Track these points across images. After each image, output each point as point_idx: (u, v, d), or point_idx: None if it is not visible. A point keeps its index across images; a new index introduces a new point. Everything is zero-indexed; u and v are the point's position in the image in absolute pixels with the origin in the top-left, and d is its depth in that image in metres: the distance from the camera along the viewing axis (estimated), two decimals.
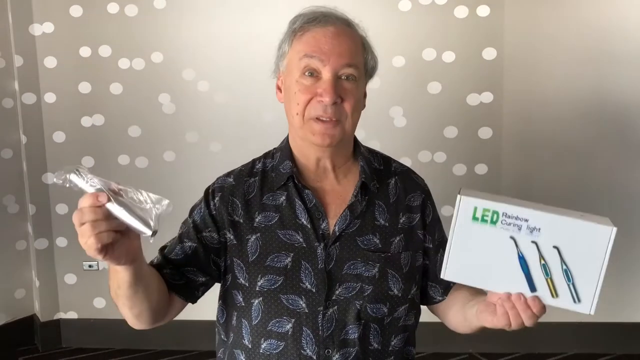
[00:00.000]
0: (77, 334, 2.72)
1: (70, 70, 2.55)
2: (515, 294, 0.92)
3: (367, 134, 2.45)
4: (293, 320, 1.07)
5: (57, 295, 2.70)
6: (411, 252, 1.14)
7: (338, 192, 1.14)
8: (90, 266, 2.64)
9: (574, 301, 0.91)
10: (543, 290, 0.91)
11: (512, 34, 2.42)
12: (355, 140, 1.19)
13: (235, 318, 1.13)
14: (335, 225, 1.10)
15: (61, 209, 2.62)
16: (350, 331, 1.08)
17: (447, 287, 1.18)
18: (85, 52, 2.53)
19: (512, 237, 0.90)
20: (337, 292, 1.08)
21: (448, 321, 1.21)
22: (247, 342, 1.11)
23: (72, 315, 2.72)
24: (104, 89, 2.55)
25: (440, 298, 1.19)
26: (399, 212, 1.15)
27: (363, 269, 1.09)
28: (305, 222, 1.10)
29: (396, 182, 1.18)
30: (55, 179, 0.83)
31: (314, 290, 1.08)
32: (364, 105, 1.16)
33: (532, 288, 0.91)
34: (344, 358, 1.08)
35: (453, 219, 0.93)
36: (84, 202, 0.82)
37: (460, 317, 1.13)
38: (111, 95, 2.55)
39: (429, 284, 1.19)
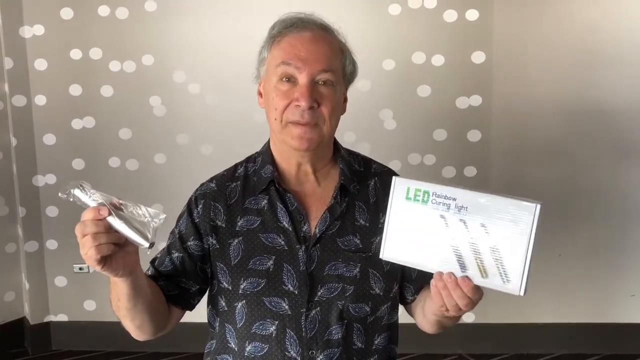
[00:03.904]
0: (67, 336, 2.71)
1: (60, 72, 2.55)
2: (446, 273, 0.93)
3: (358, 137, 2.47)
4: (276, 322, 1.09)
5: (47, 298, 2.69)
6: None
7: (318, 194, 1.15)
8: (80, 269, 2.64)
9: (503, 281, 0.89)
10: (473, 270, 0.91)
11: (500, 37, 2.44)
12: (336, 143, 1.20)
13: (218, 323, 1.15)
14: (315, 228, 1.12)
15: (51, 211, 2.62)
16: (333, 331, 1.09)
17: (419, 287, 1.20)
18: (75, 54, 2.53)
19: (442, 216, 0.93)
20: (319, 293, 1.09)
21: (416, 320, 1.22)
22: (233, 346, 1.12)
23: (62, 317, 2.71)
24: (94, 92, 2.55)
25: (412, 298, 1.21)
26: (379, 212, 1.15)
27: (344, 269, 1.11)
28: (286, 225, 1.11)
29: (376, 183, 1.19)
30: (60, 194, 0.88)
31: (296, 292, 1.09)
32: (344, 110, 1.17)
33: (463, 267, 0.92)
34: (328, 358, 1.09)
35: (389, 200, 0.97)
36: (87, 215, 0.86)
37: (421, 312, 1.16)
38: (102, 97, 2.55)
39: (404, 284, 1.20)
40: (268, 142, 1.20)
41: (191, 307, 1.16)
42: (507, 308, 2.60)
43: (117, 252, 0.88)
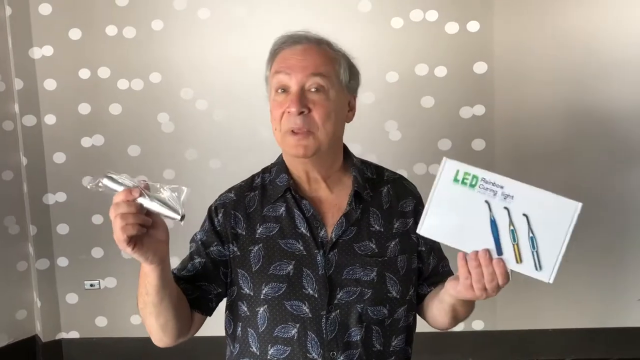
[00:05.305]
0: (79, 353, 2.72)
1: (69, 92, 2.59)
2: (481, 250, 0.97)
3: (364, 148, 2.50)
4: (298, 325, 1.12)
5: (59, 315, 2.71)
6: (407, 255, 1.20)
7: (332, 201, 1.19)
8: (91, 285, 2.65)
9: (536, 268, 0.95)
10: (509, 255, 0.97)
11: (501, 48, 2.49)
12: (347, 152, 1.25)
13: (240, 328, 1.18)
14: (332, 233, 1.16)
15: (62, 229, 2.64)
16: (353, 334, 1.13)
17: (434, 282, 1.24)
18: (84, 74, 2.57)
19: (486, 201, 0.97)
20: (339, 296, 1.13)
21: (429, 314, 1.24)
22: (255, 350, 1.15)
23: (74, 334, 2.73)
24: (103, 110, 2.59)
25: (428, 290, 1.24)
26: (392, 217, 1.20)
27: (362, 273, 1.15)
28: (304, 230, 1.15)
29: (389, 190, 1.24)
30: (88, 185, 0.91)
31: (316, 296, 1.13)
32: (350, 119, 1.21)
33: (499, 251, 0.97)
34: None
35: (436, 179, 1.00)
36: (119, 197, 0.90)
37: (437, 301, 1.18)
38: (110, 115, 2.59)
39: (418, 283, 1.24)
40: (282, 153, 1.24)
41: (210, 312, 1.18)
42: (516, 315, 2.62)
43: (146, 236, 0.92)
